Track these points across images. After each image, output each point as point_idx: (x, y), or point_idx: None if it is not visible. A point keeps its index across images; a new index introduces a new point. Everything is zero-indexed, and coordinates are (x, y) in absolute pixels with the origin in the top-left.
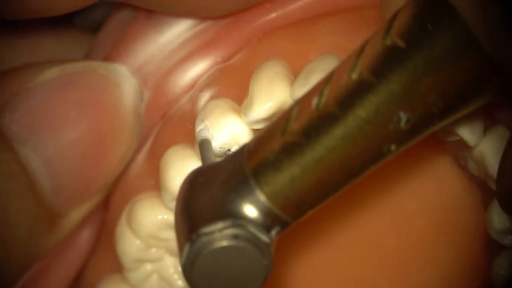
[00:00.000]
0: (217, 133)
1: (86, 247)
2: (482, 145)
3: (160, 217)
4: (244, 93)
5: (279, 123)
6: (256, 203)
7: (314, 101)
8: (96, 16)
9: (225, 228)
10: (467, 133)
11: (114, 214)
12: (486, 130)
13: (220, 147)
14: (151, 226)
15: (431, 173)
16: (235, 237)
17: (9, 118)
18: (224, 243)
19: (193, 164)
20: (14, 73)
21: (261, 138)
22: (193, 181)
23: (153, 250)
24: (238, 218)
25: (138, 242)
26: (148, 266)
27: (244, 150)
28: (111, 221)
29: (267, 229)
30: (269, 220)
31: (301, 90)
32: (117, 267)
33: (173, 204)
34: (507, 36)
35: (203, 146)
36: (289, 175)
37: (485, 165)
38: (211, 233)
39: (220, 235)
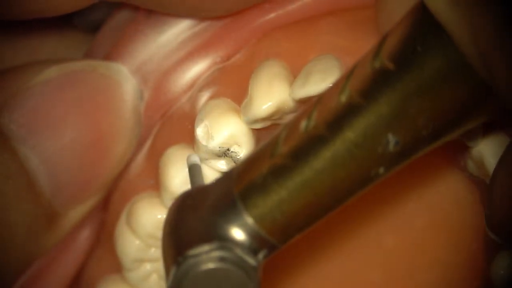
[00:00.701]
0: (217, 133)
1: (85, 247)
2: (481, 146)
3: (159, 216)
4: (244, 93)
5: (267, 146)
6: (243, 226)
7: (303, 124)
8: (96, 16)
9: (211, 250)
10: (466, 133)
11: (113, 214)
12: (485, 130)
13: (220, 147)
14: (150, 226)
15: (430, 173)
16: (221, 259)
17: (8, 117)
18: (211, 265)
19: None
20: (13, 73)
21: (250, 161)
22: (181, 204)
23: (153, 250)
24: (225, 241)
25: (137, 241)
26: (148, 266)
27: (233, 173)
28: (110, 221)
29: (254, 252)
30: (257, 243)
31: (300, 89)
32: (116, 267)
33: None
34: (500, 60)
35: (193, 171)
36: (277, 198)
37: (484, 165)
38: (198, 255)
39: (206, 257)
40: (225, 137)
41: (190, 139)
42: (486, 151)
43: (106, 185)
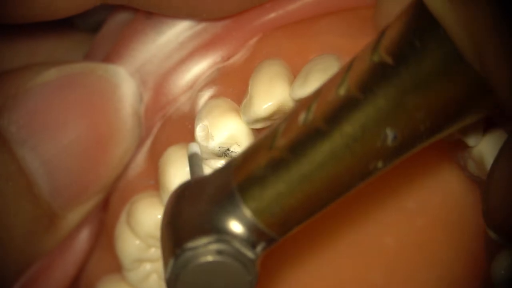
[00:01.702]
0: (216, 133)
1: (85, 247)
2: (482, 145)
3: (159, 216)
4: (244, 93)
5: (266, 138)
6: (241, 219)
7: (302, 117)
8: (96, 17)
9: (209, 243)
10: (466, 133)
11: (113, 214)
12: (485, 130)
13: (219, 147)
14: (150, 226)
15: (430, 173)
16: (219, 252)
17: (7, 119)
18: (209, 258)
19: None
20: (12, 74)
21: (248, 153)
22: (180, 195)
23: (153, 249)
24: (223, 234)
25: (137, 241)
26: (148, 266)
27: (232, 165)
28: (110, 221)
29: (252, 245)
30: (255, 236)
31: (300, 89)
32: (116, 267)
33: None
34: (495, 56)
35: (193, 161)
36: (275, 191)
37: (485, 165)
38: (196, 248)
39: (204, 250)
40: (225, 137)
41: (190, 139)
42: (487, 151)
43: (106, 187)
